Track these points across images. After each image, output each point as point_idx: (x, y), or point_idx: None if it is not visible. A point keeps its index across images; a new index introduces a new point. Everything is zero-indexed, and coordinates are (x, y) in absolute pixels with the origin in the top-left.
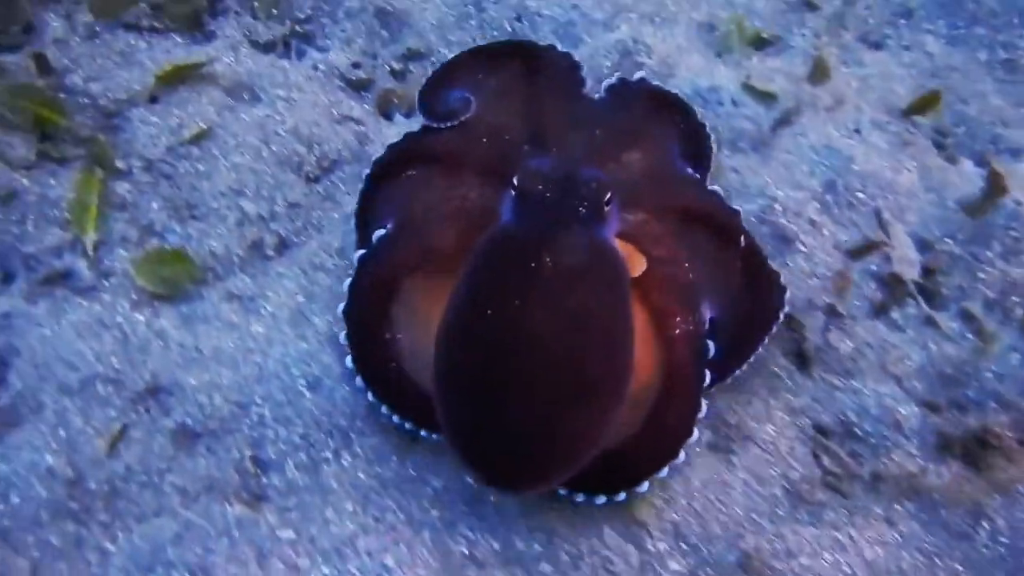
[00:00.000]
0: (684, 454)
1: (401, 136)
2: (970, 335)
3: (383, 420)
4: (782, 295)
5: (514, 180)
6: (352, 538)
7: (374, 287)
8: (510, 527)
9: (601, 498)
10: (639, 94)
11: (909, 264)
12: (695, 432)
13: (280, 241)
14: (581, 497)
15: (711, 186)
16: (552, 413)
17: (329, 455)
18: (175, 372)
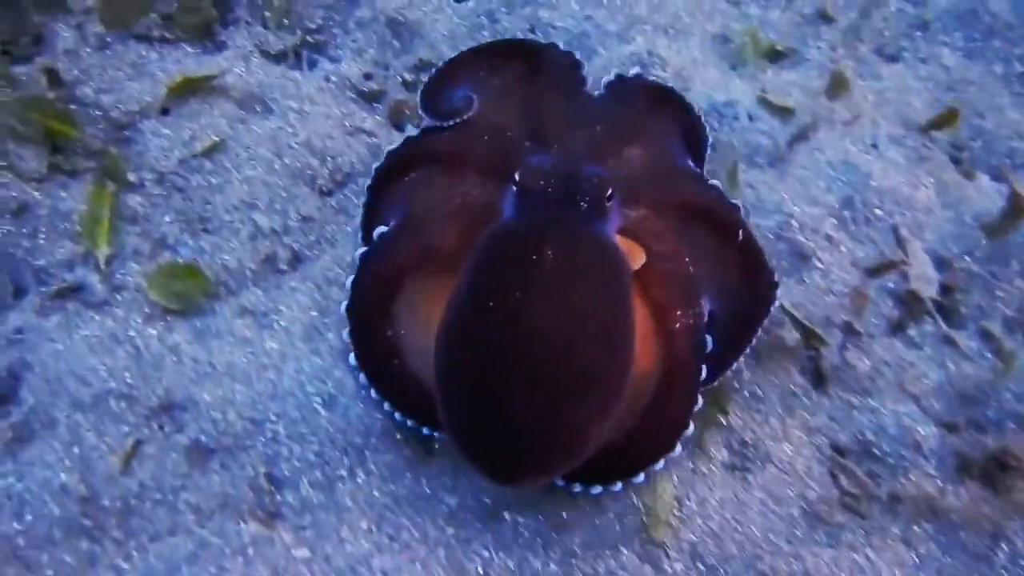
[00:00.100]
0: (680, 446)
1: (402, 141)
2: (989, 354)
3: (398, 437)
4: (775, 289)
5: (516, 176)
6: (367, 557)
7: (376, 285)
8: (526, 546)
9: (597, 488)
10: (638, 90)
11: (927, 282)
12: (691, 425)
13: (293, 255)
14: (578, 487)
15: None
16: (553, 407)
17: (344, 473)
18: (188, 388)
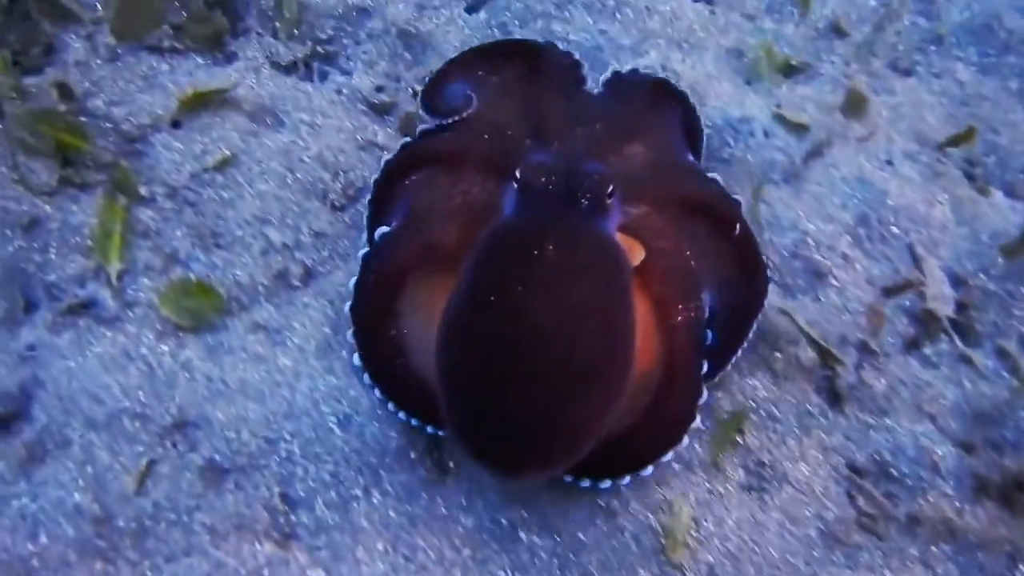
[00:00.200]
0: (687, 439)
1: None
2: (1005, 373)
3: (412, 456)
4: (767, 283)
5: (517, 173)
6: None
7: (378, 284)
8: (543, 567)
9: (606, 482)
10: (637, 86)
11: (943, 300)
12: (697, 418)
13: (306, 271)
14: (587, 482)
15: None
16: (554, 403)
17: (359, 493)
18: (202, 406)
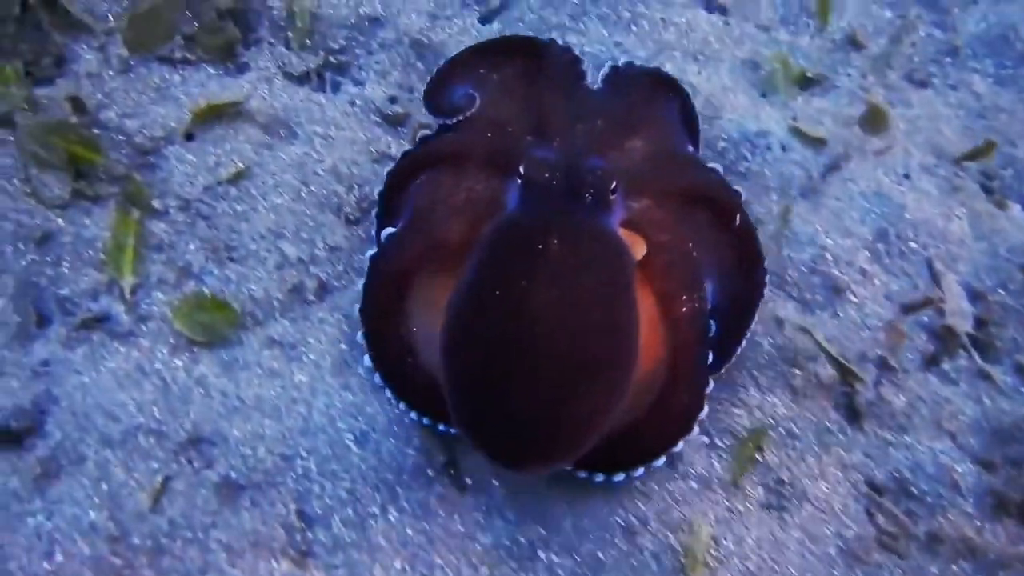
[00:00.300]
0: (697, 429)
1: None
2: None
3: (430, 474)
4: (765, 274)
5: (520, 169)
6: None
7: (385, 284)
8: None
9: (620, 476)
10: (634, 79)
11: (962, 316)
12: (705, 407)
13: (320, 285)
14: (601, 476)
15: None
16: (557, 397)
17: (376, 510)
18: (217, 422)
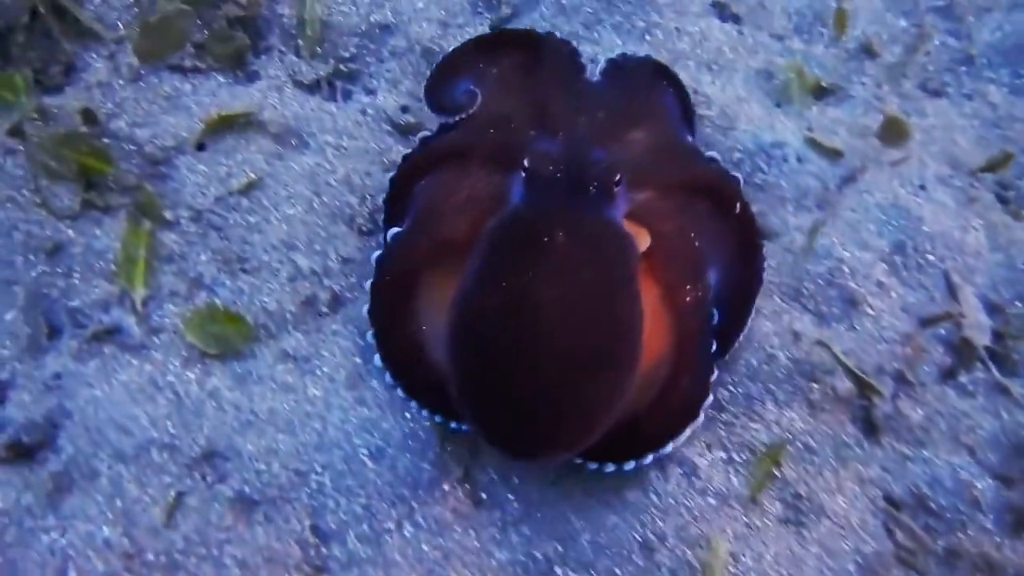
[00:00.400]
0: (703, 415)
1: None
2: None
3: (445, 488)
4: (763, 261)
5: (524, 163)
6: None
7: (392, 284)
8: None
9: (630, 464)
10: (632, 71)
11: (979, 329)
12: (710, 395)
13: (333, 297)
14: (611, 466)
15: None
16: (563, 388)
17: (391, 526)
18: (231, 436)
